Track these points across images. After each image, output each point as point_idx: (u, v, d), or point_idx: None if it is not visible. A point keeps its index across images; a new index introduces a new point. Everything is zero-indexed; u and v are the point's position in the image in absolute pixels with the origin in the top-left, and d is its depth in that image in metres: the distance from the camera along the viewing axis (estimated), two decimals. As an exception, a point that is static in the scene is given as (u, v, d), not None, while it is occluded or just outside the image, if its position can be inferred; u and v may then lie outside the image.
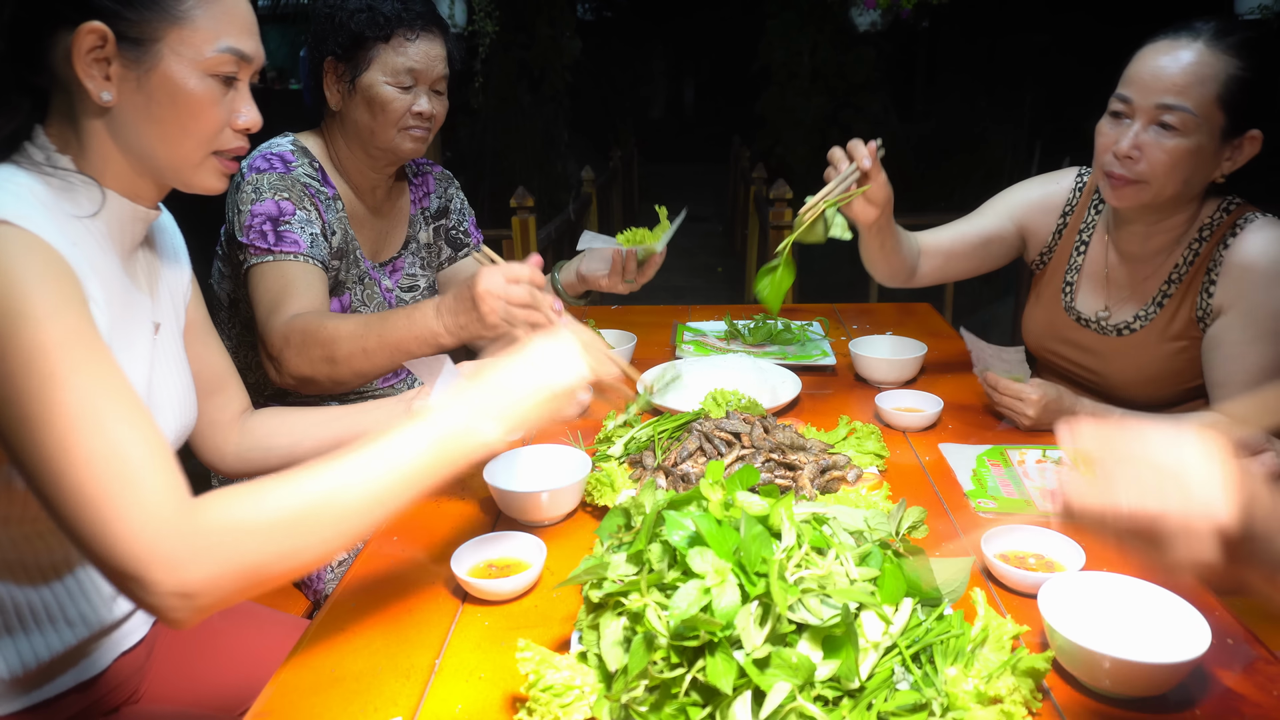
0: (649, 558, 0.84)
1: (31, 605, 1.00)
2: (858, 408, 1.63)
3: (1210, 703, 0.85)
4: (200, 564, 0.76)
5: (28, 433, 0.78)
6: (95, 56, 0.90)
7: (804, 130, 8.33)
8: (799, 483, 1.23)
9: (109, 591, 1.08)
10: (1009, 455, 1.40)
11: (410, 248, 1.80)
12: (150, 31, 0.91)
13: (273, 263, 1.46)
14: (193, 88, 0.94)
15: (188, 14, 0.93)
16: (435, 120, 1.64)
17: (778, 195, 3.85)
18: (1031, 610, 0.94)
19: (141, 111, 0.94)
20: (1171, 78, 1.32)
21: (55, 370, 0.79)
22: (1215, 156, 1.37)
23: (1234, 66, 1.31)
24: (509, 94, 7.89)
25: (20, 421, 0.78)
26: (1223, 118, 1.33)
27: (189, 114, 0.95)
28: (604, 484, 1.24)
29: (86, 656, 1.06)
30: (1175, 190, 1.39)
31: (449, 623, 1.02)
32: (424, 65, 1.57)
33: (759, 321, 2.00)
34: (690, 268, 8.18)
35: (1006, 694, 0.78)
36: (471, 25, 4.83)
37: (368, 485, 0.83)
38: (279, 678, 0.93)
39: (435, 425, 0.87)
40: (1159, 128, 1.35)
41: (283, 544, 0.80)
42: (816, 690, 0.75)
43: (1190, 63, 1.31)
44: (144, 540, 0.76)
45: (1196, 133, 1.33)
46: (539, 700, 0.81)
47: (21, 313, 0.79)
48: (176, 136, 0.96)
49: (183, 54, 0.93)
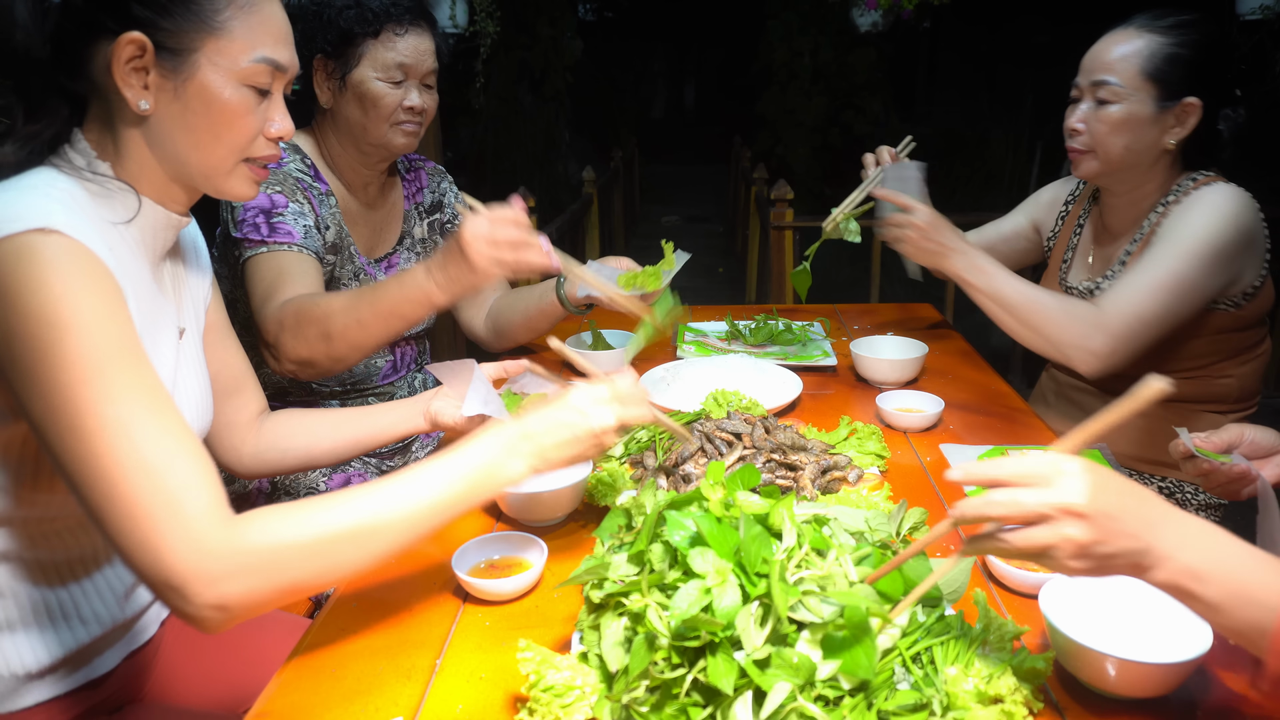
0: (650, 558, 0.84)
1: (46, 603, 1.01)
2: (859, 408, 1.63)
3: (1211, 703, 0.85)
4: (239, 580, 0.80)
5: (75, 442, 0.81)
6: (134, 66, 0.92)
7: (805, 130, 8.33)
8: (800, 483, 1.23)
9: (122, 591, 1.08)
10: (1010, 456, 1.40)
11: (405, 243, 1.80)
12: (188, 42, 0.93)
13: (267, 254, 1.47)
14: (228, 97, 0.96)
15: (225, 25, 0.94)
16: (426, 114, 1.64)
17: (778, 195, 3.85)
18: (1033, 610, 0.94)
19: (178, 120, 0.95)
20: (1103, 59, 1.54)
21: (102, 382, 0.81)
22: (1155, 123, 1.52)
23: (1157, 44, 1.49)
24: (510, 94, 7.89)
25: (68, 431, 0.81)
26: (1152, 88, 1.50)
27: (224, 122, 0.97)
28: (605, 485, 1.24)
29: (98, 655, 1.06)
30: (1120, 154, 1.55)
31: (450, 623, 1.02)
32: (414, 60, 1.57)
33: (760, 322, 2.00)
34: (691, 268, 8.13)
35: (1007, 694, 0.78)
36: (473, 25, 4.83)
37: (402, 513, 0.87)
38: (280, 677, 0.93)
39: (469, 460, 0.91)
40: (1097, 103, 1.54)
41: (318, 564, 0.84)
42: (817, 690, 0.75)
43: (1118, 44, 1.53)
44: (187, 555, 0.79)
45: (1128, 101, 1.51)
46: (540, 700, 0.81)
47: (68, 324, 0.81)
48: (210, 144, 0.98)
49: (219, 64, 0.95)
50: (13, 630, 0.99)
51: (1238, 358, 1.63)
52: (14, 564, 0.99)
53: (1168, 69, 1.48)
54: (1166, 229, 1.52)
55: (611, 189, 7.71)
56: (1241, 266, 1.52)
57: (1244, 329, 1.60)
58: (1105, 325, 1.45)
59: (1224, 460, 1.12)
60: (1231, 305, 1.57)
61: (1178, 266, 1.46)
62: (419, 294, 1.33)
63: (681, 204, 11.87)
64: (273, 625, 1.31)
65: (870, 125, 8.27)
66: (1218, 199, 1.50)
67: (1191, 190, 1.55)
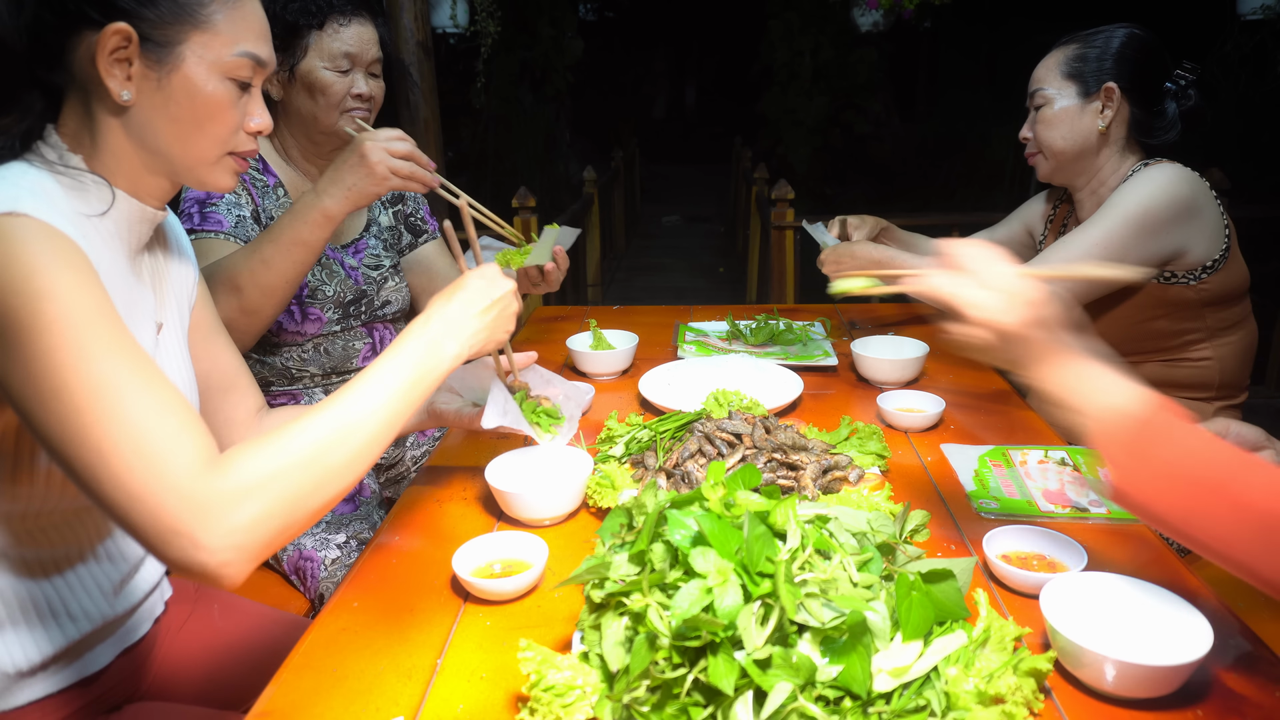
0: (651, 558, 0.84)
1: (35, 600, 1.01)
2: (859, 408, 1.63)
3: (1212, 704, 0.85)
4: (242, 508, 0.81)
5: (58, 406, 0.81)
6: (117, 57, 0.92)
7: (806, 130, 8.33)
8: (801, 483, 1.23)
9: (110, 586, 1.08)
10: (1011, 456, 1.40)
11: (372, 230, 1.84)
12: (173, 34, 0.94)
13: (194, 240, 1.50)
14: (212, 90, 0.97)
15: (210, 18, 0.95)
16: (375, 102, 1.70)
17: (779, 195, 3.85)
18: (1033, 611, 0.94)
19: (160, 111, 0.96)
20: (1035, 74, 1.78)
21: (81, 344, 0.82)
22: (1083, 112, 1.71)
23: (1073, 50, 1.72)
24: (511, 94, 7.89)
25: (51, 396, 0.81)
26: (1072, 84, 1.72)
27: (207, 115, 0.98)
28: (605, 485, 1.24)
29: (89, 650, 1.06)
30: (1061, 146, 1.74)
31: (451, 623, 1.02)
32: (358, 49, 1.63)
33: (761, 322, 2.00)
34: (692, 268, 8.19)
35: (1008, 694, 0.78)
36: (473, 25, 4.84)
37: (369, 408, 0.93)
38: (280, 677, 0.93)
39: (409, 352, 1.00)
40: (1035, 110, 1.77)
41: (312, 473, 0.87)
42: (818, 690, 0.75)
43: (1046, 60, 1.76)
44: (185, 498, 0.80)
45: (1055, 101, 1.73)
46: (540, 700, 0.81)
47: (43, 292, 0.81)
48: (193, 136, 0.98)
49: (204, 57, 0.96)
50: (2, 628, 0.99)
51: (1215, 339, 1.70)
52: (0, 562, 0.99)
53: (1080, 65, 1.70)
54: (1106, 203, 1.67)
55: (612, 189, 7.71)
56: (1182, 238, 1.62)
57: (1213, 306, 1.67)
58: None
59: None
60: (1189, 279, 1.65)
61: (1104, 231, 1.61)
62: (315, 214, 1.43)
63: (682, 204, 11.87)
64: (272, 625, 1.32)
65: (871, 125, 8.27)
66: (1154, 173, 1.64)
67: (1141, 172, 1.68)
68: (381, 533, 1.23)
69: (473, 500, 1.31)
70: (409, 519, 1.27)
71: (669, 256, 8.87)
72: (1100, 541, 1.15)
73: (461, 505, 1.30)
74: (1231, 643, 0.94)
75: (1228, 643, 0.93)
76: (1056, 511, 1.23)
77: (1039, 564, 1.06)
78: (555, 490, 1.21)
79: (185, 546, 0.80)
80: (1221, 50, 5.17)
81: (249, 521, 0.81)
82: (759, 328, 1.97)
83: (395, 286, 1.83)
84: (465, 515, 1.28)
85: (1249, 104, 5.20)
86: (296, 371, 1.72)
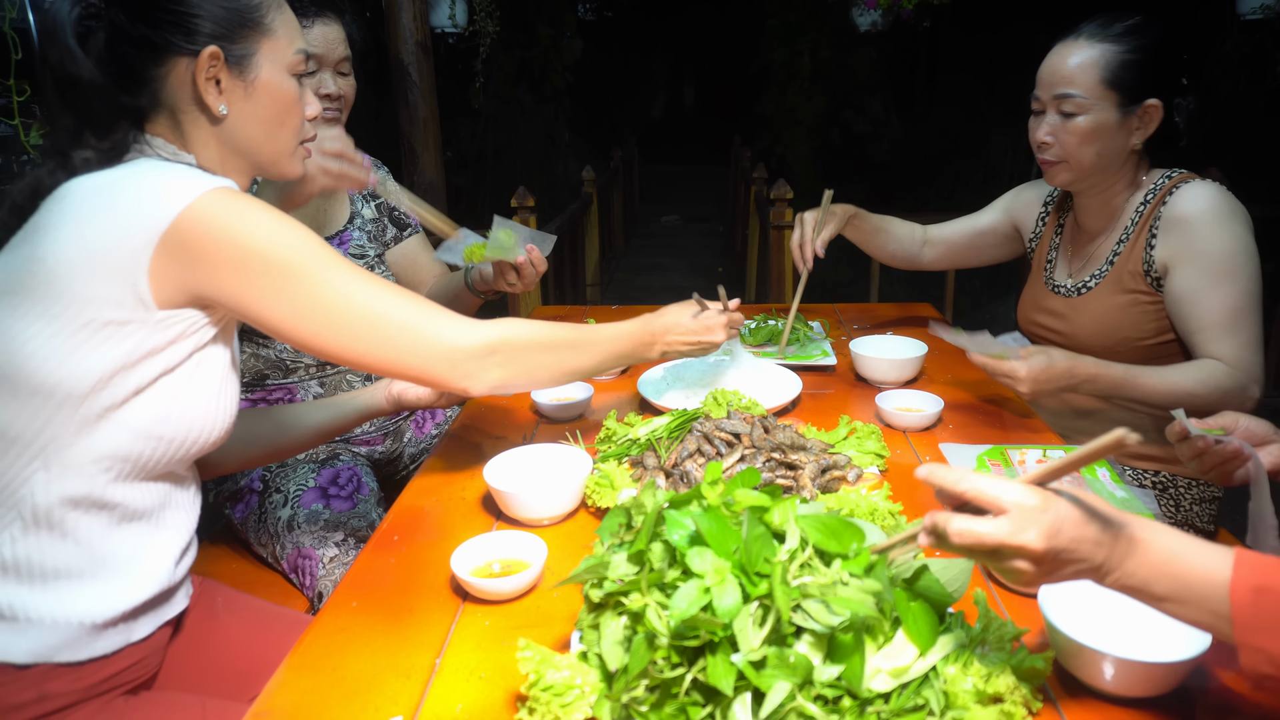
0: (650, 557, 0.84)
1: (116, 552, 1.04)
2: (858, 407, 1.63)
3: (1210, 702, 0.85)
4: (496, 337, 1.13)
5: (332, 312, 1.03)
6: (209, 75, 1.04)
7: (804, 130, 8.34)
8: (800, 482, 1.23)
9: (175, 553, 1.11)
10: (1009, 455, 1.40)
11: (356, 222, 1.86)
12: (250, 46, 1.07)
13: None
14: (287, 88, 1.11)
15: (271, 25, 1.09)
16: (345, 100, 1.72)
17: (778, 195, 3.85)
18: (1032, 610, 0.94)
19: (250, 116, 1.09)
20: (1062, 71, 1.56)
21: (336, 269, 1.04)
22: (1121, 128, 1.56)
23: (1113, 51, 1.52)
24: (510, 94, 7.89)
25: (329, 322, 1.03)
26: (1114, 95, 1.53)
27: (287, 110, 1.12)
28: (604, 485, 1.24)
29: (142, 616, 1.08)
30: (1092, 162, 1.58)
31: (449, 622, 1.02)
32: (324, 49, 1.65)
33: (760, 321, 2.00)
34: (691, 267, 8.18)
35: (1007, 693, 0.78)
36: (472, 25, 4.84)
37: (591, 353, 1.27)
38: (279, 677, 0.93)
39: (637, 329, 1.35)
40: (1062, 115, 1.57)
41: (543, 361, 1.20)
42: (816, 690, 0.75)
43: (1075, 55, 1.55)
44: (453, 335, 1.10)
45: (1093, 111, 1.54)
46: (539, 700, 0.81)
47: (294, 238, 1.02)
48: (278, 133, 1.12)
49: (275, 60, 1.10)
50: (84, 578, 1.02)
51: None
52: (91, 511, 1.01)
53: (1125, 75, 1.52)
54: (1189, 250, 1.53)
55: (611, 188, 7.71)
56: None
57: None
58: (1247, 375, 1.52)
59: (1220, 434, 1.13)
60: None
61: (1244, 287, 1.52)
62: None
63: (681, 203, 11.87)
64: (275, 621, 1.32)
65: (870, 124, 8.28)
66: (1221, 206, 1.53)
67: (1173, 189, 1.58)
68: (380, 532, 1.23)
69: (472, 500, 1.31)
70: (408, 518, 1.27)
71: (668, 256, 8.87)
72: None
73: (460, 505, 1.30)
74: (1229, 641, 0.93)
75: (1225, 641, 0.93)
76: (1055, 511, 1.22)
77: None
78: (554, 490, 1.21)
79: (459, 383, 1.12)
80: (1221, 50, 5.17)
81: (498, 378, 1.14)
82: (758, 328, 1.97)
83: (380, 276, 1.84)
84: (464, 515, 1.28)
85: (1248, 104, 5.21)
86: (290, 363, 1.72)
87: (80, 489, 1.00)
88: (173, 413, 1.02)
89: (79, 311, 0.95)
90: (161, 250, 0.95)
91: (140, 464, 1.03)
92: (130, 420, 1.00)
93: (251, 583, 1.63)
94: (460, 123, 7.51)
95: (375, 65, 4.47)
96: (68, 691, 1.02)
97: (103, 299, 0.95)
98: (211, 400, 1.06)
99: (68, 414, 0.97)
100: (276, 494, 1.65)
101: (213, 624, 1.27)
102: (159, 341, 0.99)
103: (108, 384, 0.97)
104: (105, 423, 0.98)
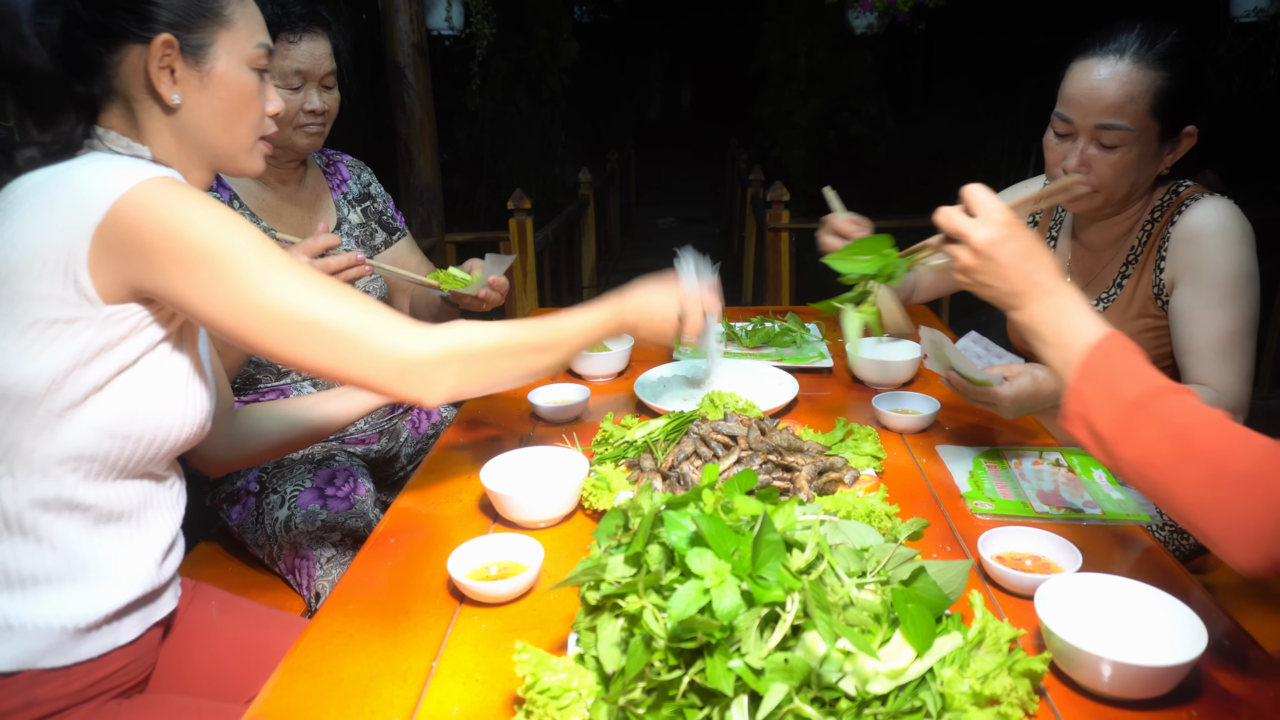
0: (647, 559, 0.84)
1: (96, 556, 1.03)
2: (855, 410, 1.63)
3: (1206, 704, 0.85)
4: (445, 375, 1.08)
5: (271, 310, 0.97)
6: (162, 64, 1.02)
7: (801, 132, 8.33)
8: (796, 484, 1.23)
9: (158, 554, 1.10)
10: (1005, 457, 1.41)
11: (344, 228, 1.87)
12: (206, 37, 1.05)
13: None
14: (245, 81, 1.09)
15: (231, 17, 1.07)
16: (329, 114, 1.73)
17: (775, 197, 3.85)
18: (1028, 612, 0.94)
19: (205, 108, 1.07)
20: (1106, 99, 1.39)
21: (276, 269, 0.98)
22: (1157, 156, 1.47)
23: (1161, 78, 1.38)
24: (506, 96, 7.88)
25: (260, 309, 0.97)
26: (1158, 125, 1.41)
27: (244, 104, 1.09)
28: (601, 487, 1.24)
29: (128, 616, 1.08)
30: (1126, 192, 1.49)
31: (446, 625, 1.02)
32: (309, 65, 1.65)
33: (756, 324, 2.00)
34: (688, 269, 8.17)
35: (1003, 695, 0.78)
36: (468, 28, 4.83)
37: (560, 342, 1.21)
38: (276, 679, 0.93)
39: (604, 313, 1.28)
40: (1101, 146, 1.43)
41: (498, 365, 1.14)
42: (814, 692, 0.75)
43: (1122, 82, 1.39)
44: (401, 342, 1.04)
45: (1137, 144, 1.42)
46: (536, 702, 0.80)
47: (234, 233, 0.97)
48: (235, 126, 1.10)
49: (233, 52, 1.07)
50: (64, 583, 1.01)
51: None
52: (64, 513, 1.00)
53: (1171, 104, 1.40)
54: (1194, 267, 1.47)
55: (608, 191, 7.71)
56: None
57: None
58: (1235, 403, 1.43)
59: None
60: None
61: (1242, 312, 1.45)
62: None
63: (677, 206, 11.88)
64: (271, 623, 1.32)
65: (866, 127, 8.28)
66: (1231, 226, 1.47)
67: (1181, 206, 1.51)
68: (377, 535, 1.23)
69: (468, 502, 1.31)
70: (404, 521, 1.27)
71: (664, 258, 8.85)
72: (1095, 543, 1.15)
73: (457, 507, 1.30)
74: (1225, 643, 0.94)
75: (1221, 643, 0.94)
76: (1051, 513, 1.23)
77: (1034, 565, 1.07)
78: (551, 492, 1.21)
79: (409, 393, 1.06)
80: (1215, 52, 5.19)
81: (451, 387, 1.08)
82: (754, 330, 1.97)
83: (369, 280, 1.87)
84: (461, 517, 1.27)
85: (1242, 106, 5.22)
86: (282, 365, 1.72)
87: (49, 491, 0.99)
88: (138, 412, 1.01)
89: (25, 311, 0.93)
90: (99, 242, 0.92)
91: (110, 463, 1.02)
92: (92, 419, 0.98)
93: (248, 585, 1.63)
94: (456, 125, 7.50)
95: (371, 68, 4.47)
96: (56, 696, 1.01)
97: (46, 296, 0.93)
98: (177, 397, 1.05)
99: (26, 416, 0.96)
100: (273, 495, 1.65)
101: (206, 626, 1.26)
102: (110, 338, 0.97)
103: (63, 383, 0.95)
104: (67, 423, 0.97)
